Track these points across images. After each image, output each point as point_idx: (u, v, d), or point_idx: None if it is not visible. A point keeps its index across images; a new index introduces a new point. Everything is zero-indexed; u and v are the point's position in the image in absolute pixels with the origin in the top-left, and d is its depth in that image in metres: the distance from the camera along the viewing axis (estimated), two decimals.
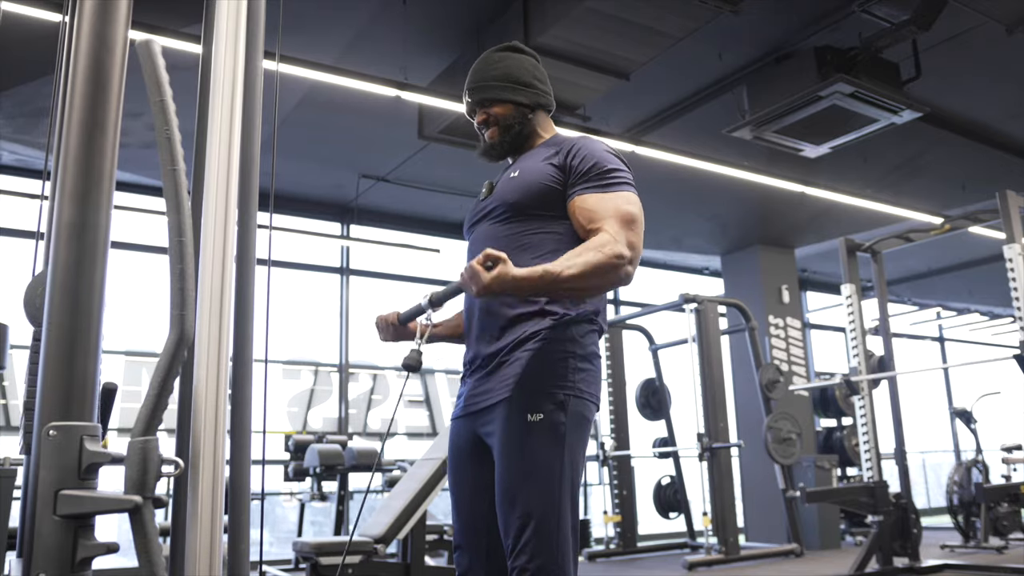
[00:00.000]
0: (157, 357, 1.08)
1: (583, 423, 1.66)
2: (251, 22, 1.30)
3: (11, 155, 6.31)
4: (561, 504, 1.58)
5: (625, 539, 7.19)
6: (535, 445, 1.59)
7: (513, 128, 1.85)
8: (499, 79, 1.84)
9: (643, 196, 1.75)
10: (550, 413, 1.61)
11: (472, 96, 1.86)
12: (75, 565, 0.99)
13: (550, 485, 1.58)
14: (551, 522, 1.56)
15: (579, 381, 1.66)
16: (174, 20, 4.25)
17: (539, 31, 4.40)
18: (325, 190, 7.40)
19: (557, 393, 1.63)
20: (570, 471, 1.61)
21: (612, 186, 1.69)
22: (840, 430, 8.33)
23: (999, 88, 5.84)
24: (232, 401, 1.20)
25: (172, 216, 1.10)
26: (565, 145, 1.79)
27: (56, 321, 1.04)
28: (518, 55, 1.89)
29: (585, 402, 1.67)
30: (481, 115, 1.86)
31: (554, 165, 1.75)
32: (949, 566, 5.41)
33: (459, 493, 1.76)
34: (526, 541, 1.55)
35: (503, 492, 1.61)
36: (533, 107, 1.86)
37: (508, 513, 1.59)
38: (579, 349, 1.68)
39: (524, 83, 1.85)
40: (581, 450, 1.66)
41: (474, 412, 1.73)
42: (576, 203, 1.70)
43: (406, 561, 4.10)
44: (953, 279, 10.73)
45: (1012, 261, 4.82)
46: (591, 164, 1.71)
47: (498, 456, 1.64)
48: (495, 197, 1.82)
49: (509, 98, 1.83)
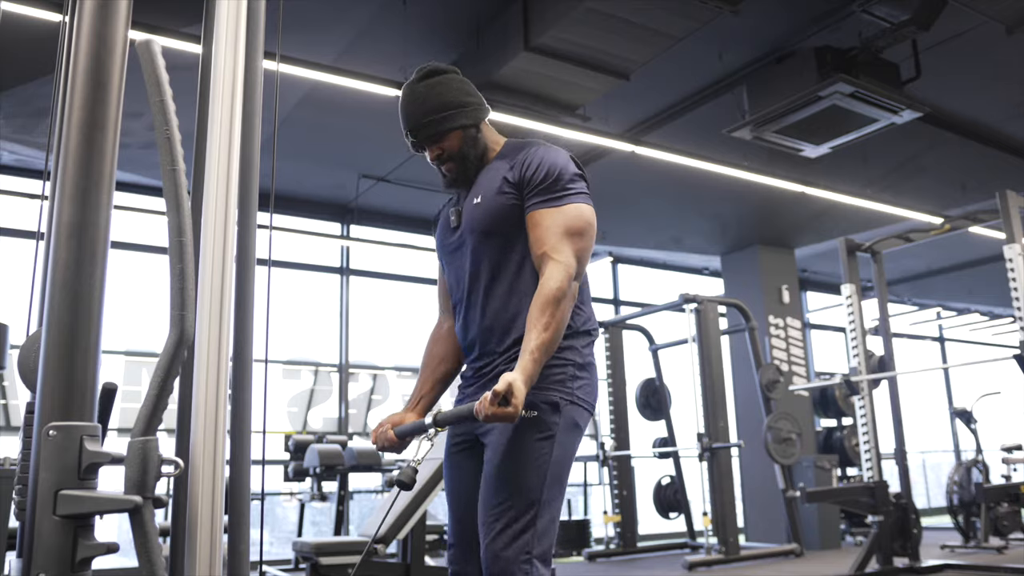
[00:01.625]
0: (157, 357, 1.08)
1: (575, 429, 1.71)
2: (251, 22, 1.30)
3: (11, 155, 6.31)
4: (542, 496, 1.62)
5: (625, 539, 7.19)
6: (525, 439, 1.65)
7: (469, 155, 1.84)
8: (436, 110, 1.80)
9: (643, 196, 1.76)
10: (544, 412, 1.66)
11: (416, 136, 1.83)
12: (75, 565, 0.99)
13: (534, 477, 1.63)
14: (529, 512, 1.60)
15: (577, 389, 1.72)
16: (174, 20, 4.25)
17: (539, 31, 4.40)
18: (325, 190, 7.40)
19: (554, 396, 1.68)
20: (555, 468, 1.65)
21: (563, 199, 1.74)
22: (840, 430, 8.33)
23: (999, 88, 5.84)
24: (232, 401, 1.20)
25: (172, 216, 1.10)
26: (519, 158, 1.80)
27: (56, 321, 1.04)
28: (440, 77, 1.85)
29: (580, 409, 1.72)
30: (434, 151, 1.84)
31: (510, 183, 1.77)
32: (949, 566, 5.41)
33: (453, 489, 1.81)
34: (502, 528, 1.59)
35: (487, 477, 1.66)
36: (477, 125, 1.85)
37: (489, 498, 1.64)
38: (578, 358, 1.74)
39: (461, 104, 1.82)
40: (570, 453, 1.70)
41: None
42: (530, 220, 1.75)
43: (406, 561, 4.10)
44: (953, 279, 10.73)
45: (1012, 261, 4.82)
46: (543, 175, 1.75)
47: (489, 446, 1.70)
48: (465, 227, 1.83)
49: (453, 126, 1.81)
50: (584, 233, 1.73)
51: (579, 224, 1.72)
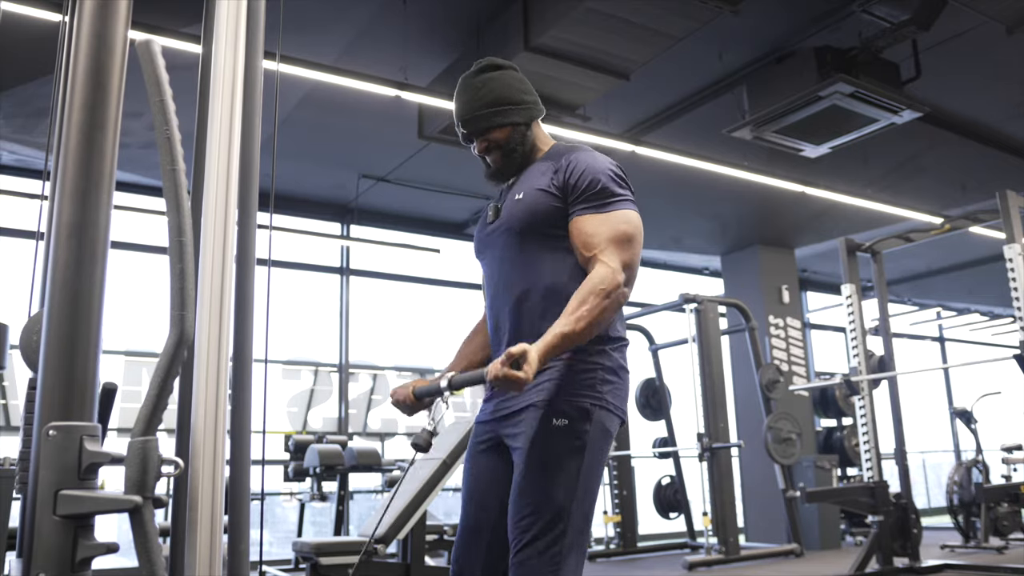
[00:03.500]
0: (157, 357, 1.08)
1: (606, 435, 1.68)
2: (251, 22, 1.30)
3: (11, 155, 6.31)
4: (571, 508, 1.60)
5: (625, 539, 7.19)
6: (555, 448, 1.63)
7: (516, 151, 1.84)
8: (490, 104, 1.81)
9: (643, 196, 1.76)
10: (574, 420, 1.64)
11: (467, 128, 1.84)
12: (75, 565, 0.99)
13: (564, 487, 1.60)
14: (559, 523, 1.58)
15: (606, 393, 1.69)
16: (174, 20, 4.25)
17: (539, 31, 4.40)
18: (325, 190, 7.40)
19: (584, 402, 1.66)
20: (585, 479, 1.63)
21: (609, 205, 1.72)
22: (840, 430, 8.33)
23: (999, 88, 5.83)
24: (232, 401, 1.20)
25: (172, 216, 1.10)
26: (564, 161, 1.79)
27: (56, 321, 1.04)
28: (499, 72, 1.86)
29: (611, 414, 1.69)
30: (481, 144, 1.85)
31: (555, 185, 1.76)
32: (949, 566, 5.41)
33: (471, 485, 1.79)
34: (532, 539, 1.57)
35: (518, 487, 1.64)
36: (529, 123, 1.86)
37: (519, 509, 1.61)
38: (608, 361, 1.71)
39: (516, 102, 1.83)
40: (600, 461, 1.68)
41: (502, 416, 1.75)
42: (574, 226, 1.72)
43: (406, 561, 4.10)
44: (953, 279, 10.73)
45: (1012, 261, 4.81)
46: (587, 182, 1.73)
47: (519, 456, 1.67)
48: (503, 221, 1.82)
49: (504, 122, 1.82)
50: (633, 240, 1.69)
51: (627, 230, 1.70)
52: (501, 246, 1.82)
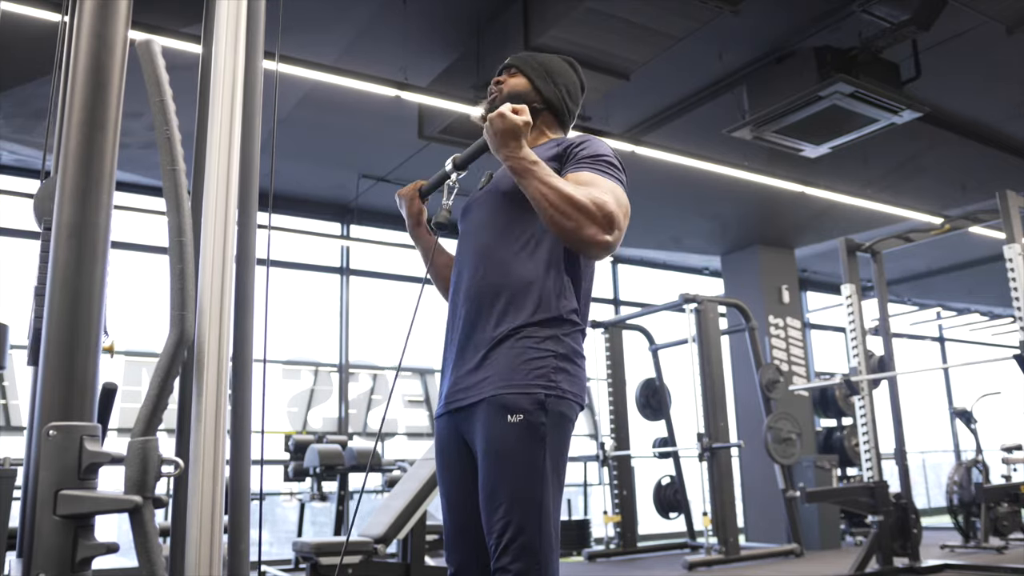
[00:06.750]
0: (157, 357, 1.08)
1: (564, 423, 1.63)
2: (251, 22, 1.30)
3: (11, 155, 6.31)
4: (543, 505, 1.56)
5: (625, 539, 7.19)
6: (516, 447, 1.57)
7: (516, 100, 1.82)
8: (535, 63, 1.88)
9: (643, 196, 1.76)
10: (529, 414, 1.58)
11: (506, 62, 1.90)
12: (75, 565, 0.99)
13: (532, 486, 1.56)
14: (533, 523, 1.54)
15: (561, 381, 1.62)
16: (174, 20, 4.25)
17: (539, 31, 4.40)
18: (325, 190, 7.40)
19: (537, 393, 1.59)
20: (552, 472, 1.59)
21: (608, 175, 1.69)
22: (840, 430, 8.33)
23: (999, 88, 5.84)
24: (232, 401, 1.20)
25: (172, 216, 1.10)
26: (567, 142, 1.79)
27: (56, 321, 1.04)
28: (567, 66, 1.92)
29: (567, 402, 1.63)
30: (498, 79, 1.89)
31: (553, 157, 1.75)
32: (949, 566, 5.41)
33: (448, 492, 1.75)
34: (508, 541, 1.54)
35: (486, 493, 1.59)
36: (546, 103, 1.86)
37: (491, 514, 1.57)
38: (561, 348, 1.64)
39: (554, 81, 1.87)
40: (563, 450, 1.64)
41: (455, 410, 1.71)
42: (570, 175, 1.68)
43: (406, 561, 4.10)
44: (953, 279, 10.73)
45: (1012, 261, 4.82)
46: (589, 152, 1.72)
47: (480, 458, 1.62)
48: (493, 185, 1.83)
49: (531, 76, 1.86)
50: (626, 212, 1.65)
51: (623, 200, 1.66)
52: (485, 209, 1.82)
